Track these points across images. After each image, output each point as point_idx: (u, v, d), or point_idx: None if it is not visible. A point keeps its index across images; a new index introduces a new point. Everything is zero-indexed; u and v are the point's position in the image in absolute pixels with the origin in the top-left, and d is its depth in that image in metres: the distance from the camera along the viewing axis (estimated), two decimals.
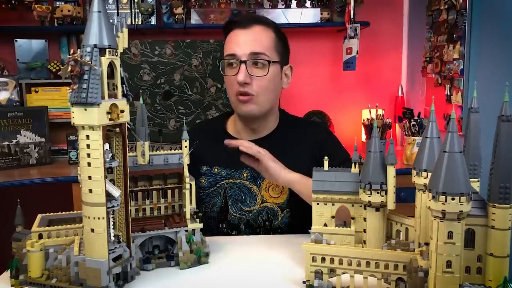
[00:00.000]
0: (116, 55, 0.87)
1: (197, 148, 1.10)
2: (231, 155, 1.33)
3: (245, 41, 1.34)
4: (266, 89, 1.35)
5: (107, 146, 0.87)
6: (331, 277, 0.87)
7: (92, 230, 0.85)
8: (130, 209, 0.98)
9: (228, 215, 1.40)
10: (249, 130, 1.44)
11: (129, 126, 0.94)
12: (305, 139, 1.43)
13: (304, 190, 1.22)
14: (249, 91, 1.33)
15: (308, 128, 1.50)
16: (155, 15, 2.60)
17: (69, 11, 2.49)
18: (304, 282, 0.89)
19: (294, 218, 1.38)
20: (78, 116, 0.82)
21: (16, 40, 2.52)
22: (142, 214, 1.10)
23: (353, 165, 0.99)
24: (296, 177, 1.24)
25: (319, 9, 2.66)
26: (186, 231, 1.05)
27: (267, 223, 1.38)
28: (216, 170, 1.42)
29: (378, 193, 0.92)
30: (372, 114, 2.46)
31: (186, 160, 1.06)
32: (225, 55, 1.38)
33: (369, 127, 2.47)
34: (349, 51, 2.59)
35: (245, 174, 1.40)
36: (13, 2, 2.48)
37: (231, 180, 1.41)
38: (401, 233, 0.96)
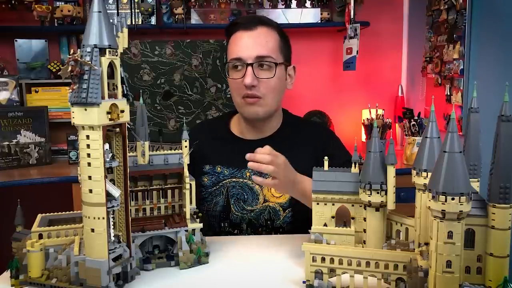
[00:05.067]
0: (116, 55, 0.87)
1: (201, 147, 1.09)
2: (234, 155, 1.33)
3: (250, 44, 1.33)
4: (272, 90, 1.35)
5: (107, 146, 0.87)
6: (331, 277, 0.87)
7: (92, 230, 0.85)
8: (130, 209, 0.98)
9: (230, 214, 1.40)
10: (253, 130, 1.44)
11: (129, 126, 0.94)
12: (308, 139, 1.43)
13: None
14: (256, 93, 1.33)
15: (310, 129, 1.51)
16: (155, 15, 2.60)
17: (69, 11, 2.49)
18: (304, 282, 0.89)
19: (296, 218, 1.38)
20: (78, 116, 0.82)
21: (16, 40, 2.52)
22: (142, 214, 1.10)
23: (353, 165, 0.99)
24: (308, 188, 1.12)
25: (319, 9, 2.65)
26: (186, 231, 1.05)
27: (269, 222, 1.38)
28: (219, 169, 1.42)
29: (378, 193, 0.92)
30: (372, 114, 2.46)
31: (186, 160, 1.06)
32: (230, 59, 1.37)
33: (369, 127, 2.47)
34: (349, 51, 2.59)
35: (247, 174, 1.40)
36: (13, 2, 2.48)
37: (233, 179, 1.41)
38: (401, 233, 0.96)
